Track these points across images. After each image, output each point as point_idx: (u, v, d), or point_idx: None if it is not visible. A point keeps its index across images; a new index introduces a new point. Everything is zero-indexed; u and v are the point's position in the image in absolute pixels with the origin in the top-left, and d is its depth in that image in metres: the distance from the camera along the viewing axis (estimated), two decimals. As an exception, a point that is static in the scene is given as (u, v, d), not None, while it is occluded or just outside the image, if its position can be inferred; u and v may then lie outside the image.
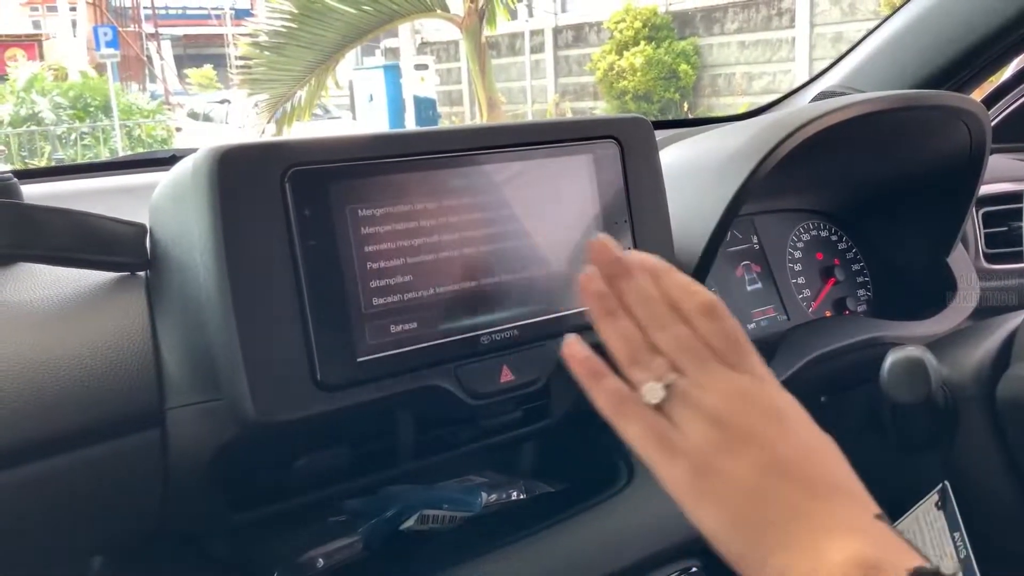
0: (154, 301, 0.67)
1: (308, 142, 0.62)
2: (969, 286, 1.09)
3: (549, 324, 0.72)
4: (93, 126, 11.61)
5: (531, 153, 0.72)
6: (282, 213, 0.60)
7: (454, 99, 13.40)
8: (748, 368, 0.50)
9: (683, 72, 10.39)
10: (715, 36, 10.71)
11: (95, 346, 0.63)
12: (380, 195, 0.65)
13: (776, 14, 10.19)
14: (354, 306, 0.63)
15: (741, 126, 0.99)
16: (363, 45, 9.07)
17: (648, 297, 0.51)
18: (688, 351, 0.50)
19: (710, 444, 0.47)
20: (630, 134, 0.77)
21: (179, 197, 0.63)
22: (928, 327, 1.02)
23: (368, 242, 0.64)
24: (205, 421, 0.63)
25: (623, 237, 0.77)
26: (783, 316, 1.08)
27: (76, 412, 0.61)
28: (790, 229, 1.14)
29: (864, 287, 1.15)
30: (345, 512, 0.79)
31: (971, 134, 1.00)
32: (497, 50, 12.39)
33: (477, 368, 0.69)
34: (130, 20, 16.93)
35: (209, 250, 0.59)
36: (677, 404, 0.48)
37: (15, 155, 11.07)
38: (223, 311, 0.58)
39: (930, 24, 1.23)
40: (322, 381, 0.61)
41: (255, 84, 6.87)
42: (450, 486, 0.83)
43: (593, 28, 11.75)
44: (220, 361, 0.60)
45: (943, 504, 0.80)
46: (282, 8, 6.57)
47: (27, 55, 16.11)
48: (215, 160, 0.58)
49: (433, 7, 6.65)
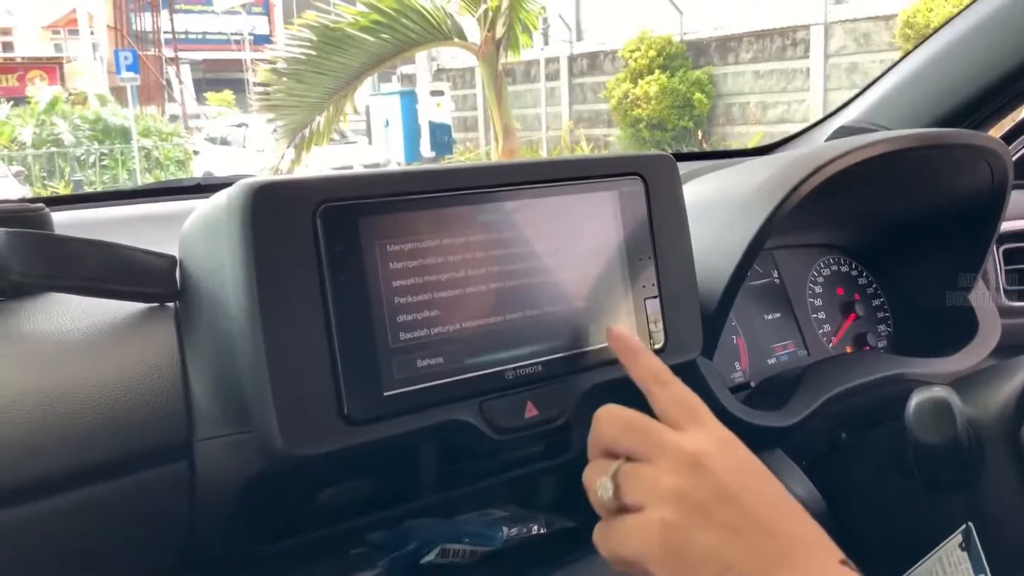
0: (184, 333, 0.67)
1: (339, 178, 0.63)
2: (990, 322, 1.09)
3: (573, 359, 0.72)
4: (112, 148, 11.74)
5: (557, 190, 0.72)
6: (313, 248, 0.61)
7: (469, 125, 13.49)
8: (702, 430, 0.51)
9: (697, 101, 10.44)
10: (730, 65, 10.76)
11: (125, 377, 0.63)
12: (409, 230, 0.65)
13: (791, 44, 10.24)
14: (381, 340, 0.63)
15: (763, 162, 0.99)
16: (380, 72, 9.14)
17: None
18: (633, 433, 0.52)
19: (673, 522, 0.47)
20: (655, 171, 0.78)
21: (211, 230, 0.64)
22: (950, 364, 1.02)
23: (396, 277, 0.64)
24: (233, 453, 0.63)
25: (646, 273, 0.77)
26: (803, 351, 1.08)
27: (105, 443, 0.61)
28: (810, 264, 1.14)
29: (885, 323, 1.15)
30: (367, 544, 0.79)
31: (993, 172, 1.00)
32: (512, 77, 12.48)
33: (502, 403, 0.69)
34: (150, 44, 17.13)
35: (241, 284, 0.60)
36: (631, 490, 0.50)
37: (36, 176, 11.20)
38: (253, 344, 0.59)
39: (951, 61, 1.24)
40: (349, 415, 0.61)
41: (274, 110, 6.93)
42: (471, 519, 0.83)
43: (608, 56, 11.83)
44: (249, 394, 0.61)
45: (967, 545, 0.79)
46: (301, 36, 6.63)
47: (48, 78, 16.33)
48: (249, 195, 0.59)
49: (451, 35, 6.71)
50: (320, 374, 0.61)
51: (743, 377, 1.02)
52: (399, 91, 12.73)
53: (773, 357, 1.06)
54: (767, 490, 0.50)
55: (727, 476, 0.49)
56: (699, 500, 0.47)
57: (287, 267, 0.60)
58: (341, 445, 0.61)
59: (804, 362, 1.06)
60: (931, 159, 0.99)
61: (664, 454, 0.50)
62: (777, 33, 10.33)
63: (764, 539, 0.46)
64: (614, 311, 0.75)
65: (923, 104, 1.26)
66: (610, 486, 0.51)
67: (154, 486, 0.63)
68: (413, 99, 12.15)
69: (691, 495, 0.48)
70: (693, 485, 0.48)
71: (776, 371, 1.04)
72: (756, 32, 10.49)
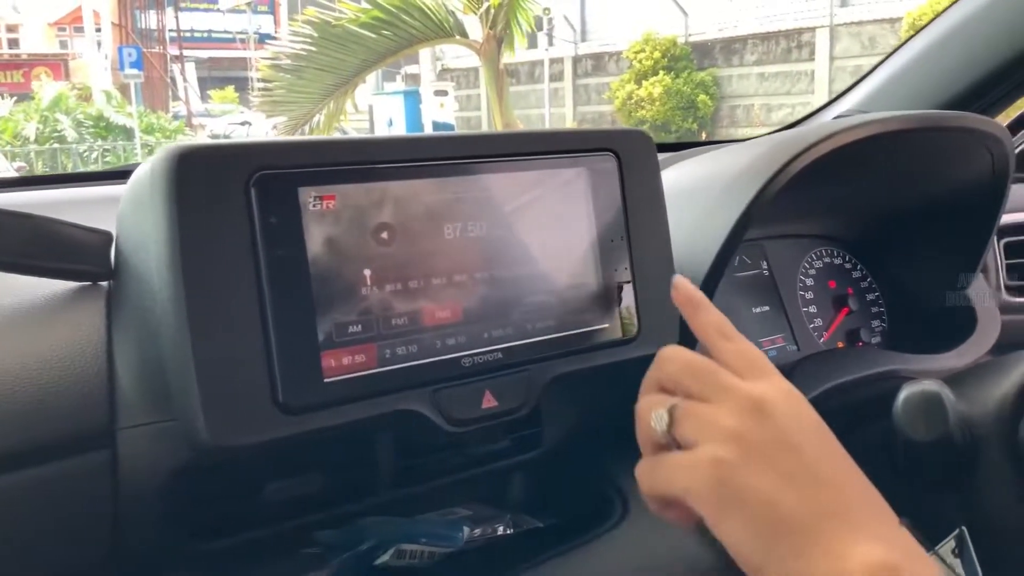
0: (113, 314, 0.63)
1: (276, 144, 0.58)
2: (990, 319, 1.04)
3: (537, 347, 0.67)
4: (115, 144, 11.75)
5: (520, 164, 0.67)
6: (246, 220, 0.56)
7: (473, 125, 13.46)
8: (768, 380, 0.50)
9: (701, 102, 10.40)
10: (734, 67, 10.72)
11: (45, 359, 0.59)
12: (354, 204, 0.60)
13: (796, 46, 10.20)
14: (323, 322, 0.58)
15: (751, 144, 0.95)
16: (384, 70, 9.12)
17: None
18: (696, 373, 0.50)
19: (728, 460, 0.46)
20: (629, 148, 0.73)
21: (138, 202, 0.59)
22: (946, 361, 0.96)
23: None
24: (159, 443, 0.59)
25: (620, 257, 0.72)
26: (793, 346, 1.03)
27: (21, 429, 0.57)
28: (802, 256, 1.09)
29: (879, 318, 1.10)
30: (318, 544, 0.74)
31: (993, 159, 0.95)
32: (517, 78, 12.46)
33: (457, 392, 0.64)
34: (155, 42, 17.13)
35: (164, 258, 0.54)
36: (687, 426, 0.48)
37: (38, 172, 11.20)
38: (177, 324, 0.54)
39: (951, 47, 1.19)
40: (284, 403, 0.56)
41: (274, 106, 6.92)
42: (431, 519, 0.78)
43: (612, 57, 11.80)
44: (173, 378, 0.56)
45: (960, 551, 0.74)
46: (302, 32, 6.62)
47: (53, 74, 16.35)
48: (173, 161, 0.54)
49: (451, 32, 6.68)
50: (252, 358, 0.56)
51: (728, 372, 0.97)
52: (403, 90, 12.67)
53: (761, 351, 1.00)
54: (828, 446, 0.48)
55: (790, 423, 0.47)
56: (757, 443, 0.46)
57: (216, 240, 0.55)
58: (275, 435, 0.56)
59: (794, 357, 1.01)
60: (928, 144, 0.94)
61: (727, 396, 0.48)
62: (782, 35, 10.29)
63: (820, 490, 0.45)
64: (583, 296, 0.70)
65: (923, 91, 1.21)
66: (665, 417, 0.49)
67: (75, 476, 0.58)
68: (417, 99, 12.10)
69: (749, 437, 0.46)
70: (753, 428, 0.47)
71: (763, 366, 0.99)
72: (761, 34, 10.45)
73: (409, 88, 12.82)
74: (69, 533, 0.60)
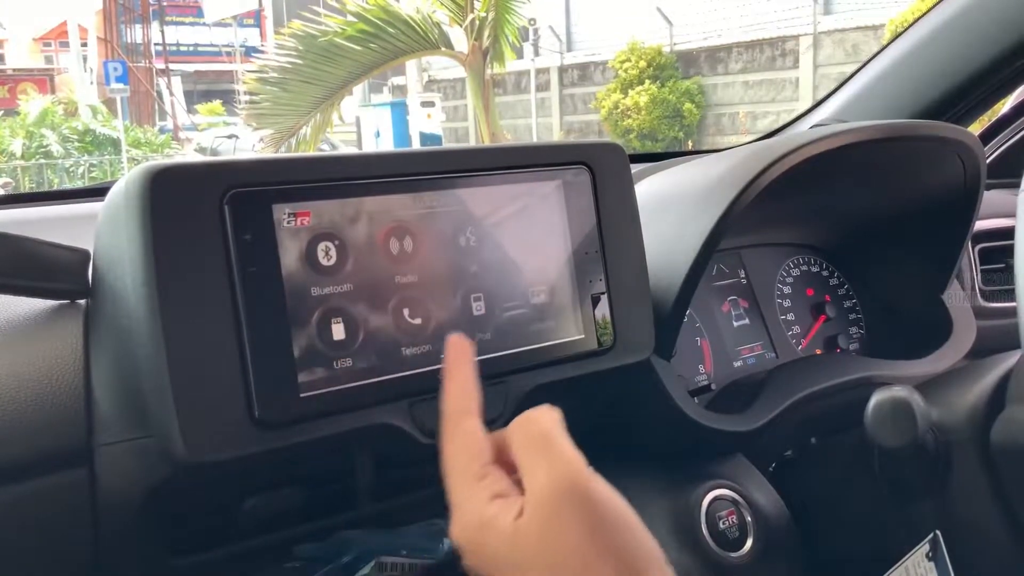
0: (91, 331, 0.63)
1: (250, 162, 0.59)
2: (965, 324, 1.05)
3: (513, 358, 0.68)
4: (101, 159, 11.70)
5: (494, 179, 0.68)
6: (220, 237, 0.56)
7: (460, 136, 13.47)
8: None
9: (687, 111, 10.43)
10: (719, 76, 10.77)
11: (23, 377, 0.59)
12: (328, 220, 0.61)
13: (780, 54, 10.25)
14: (298, 337, 0.59)
15: (724, 154, 0.95)
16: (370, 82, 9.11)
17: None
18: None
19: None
20: (602, 160, 0.74)
21: (113, 220, 0.59)
22: (923, 367, 0.97)
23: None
24: (137, 460, 0.59)
25: (595, 268, 0.73)
26: (771, 354, 1.04)
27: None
28: (779, 264, 1.10)
29: (856, 324, 1.11)
30: (298, 558, 0.74)
31: (965, 166, 0.96)
32: (503, 88, 12.48)
33: (434, 405, 0.64)
34: (141, 56, 17.09)
35: (140, 275, 0.55)
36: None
37: (24, 187, 11.14)
38: (153, 341, 0.54)
39: (925, 56, 1.20)
40: (260, 418, 0.57)
41: (260, 119, 6.91)
42: (412, 531, 0.78)
43: (598, 67, 11.83)
44: (149, 395, 0.56)
45: (934, 555, 0.75)
46: (288, 45, 6.62)
47: (39, 89, 16.29)
48: (147, 180, 0.55)
49: (437, 44, 6.69)
50: (228, 374, 0.56)
51: (707, 380, 0.98)
52: (390, 102, 12.66)
53: (739, 360, 1.01)
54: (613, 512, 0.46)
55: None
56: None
57: (190, 257, 0.56)
58: (251, 451, 0.57)
59: (771, 365, 1.02)
60: (900, 153, 0.95)
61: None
62: (766, 43, 10.34)
63: (614, 564, 0.44)
64: (559, 308, 0.71)
65: (898, 101, 1.22)
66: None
67: (53, 493, 0.59)
68: (404, 110, 12.09)
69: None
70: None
71: (742, 374, 1.00)
72: (745, 43, 10.51)
73: (396, 99, 12.82)
74: (48, 550, 0.61)
